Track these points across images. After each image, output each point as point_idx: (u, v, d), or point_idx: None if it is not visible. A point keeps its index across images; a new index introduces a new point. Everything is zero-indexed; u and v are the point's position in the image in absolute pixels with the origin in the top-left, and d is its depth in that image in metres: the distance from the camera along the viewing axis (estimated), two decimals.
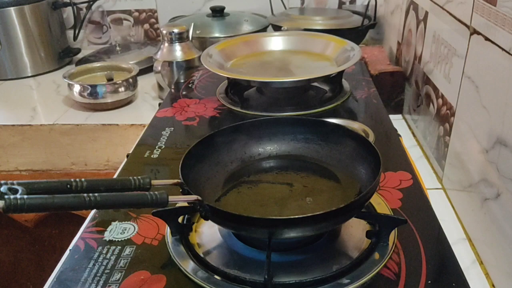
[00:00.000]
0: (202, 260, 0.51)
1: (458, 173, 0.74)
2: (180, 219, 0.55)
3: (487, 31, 0.63)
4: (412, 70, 1.01)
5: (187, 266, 0.50)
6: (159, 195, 0.44)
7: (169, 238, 0.54)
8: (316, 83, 0.93)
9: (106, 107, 1.13)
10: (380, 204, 0.58)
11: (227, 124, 0.63)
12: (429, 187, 0.80)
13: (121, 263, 0.51)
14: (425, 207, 0.58)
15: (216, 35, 1.26)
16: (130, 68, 1.19)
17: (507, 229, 0.57)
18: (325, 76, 0.85)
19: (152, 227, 0.56)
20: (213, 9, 1.33)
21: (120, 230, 0.56)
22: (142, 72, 1.25)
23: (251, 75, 0.88)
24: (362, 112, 0.86)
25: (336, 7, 1.48)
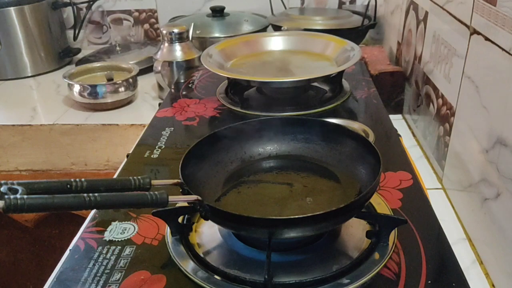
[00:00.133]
0: (202, 260, 0.51)
1: (458, 173, 0.74)
2: (180, 219, 0.55)
3: (487, 31, 0.63)
4: (412, 70, 1.01)
5: (187, 266, 0.50)
6: (159, 195, 0.44)
7: (169, 238, 0.54)
8: (316, 83, 0.93)
9: (106, 107, 1.13)
10: (380, 204, 0.58)
11: (227, 124, 0.63)
12: (429, 187, 0.80)
13: (121, 263, 0.51)
14: (425, 207, 0.58)
15: (216, 35, 1.26)
16: (130, 68, 1.19)
17: (507, 229, 0.57)
18: (325, 76, 0.85)
19: (152, 227, 0.56)
20: (213, 9, 1.33)
21: (120, 230, 0.56)
22: (142, 72, 1.25)
23: (251, 75, 0.88)
24: (362, 112, 0.86)
25: (336, 7, 1.48)
